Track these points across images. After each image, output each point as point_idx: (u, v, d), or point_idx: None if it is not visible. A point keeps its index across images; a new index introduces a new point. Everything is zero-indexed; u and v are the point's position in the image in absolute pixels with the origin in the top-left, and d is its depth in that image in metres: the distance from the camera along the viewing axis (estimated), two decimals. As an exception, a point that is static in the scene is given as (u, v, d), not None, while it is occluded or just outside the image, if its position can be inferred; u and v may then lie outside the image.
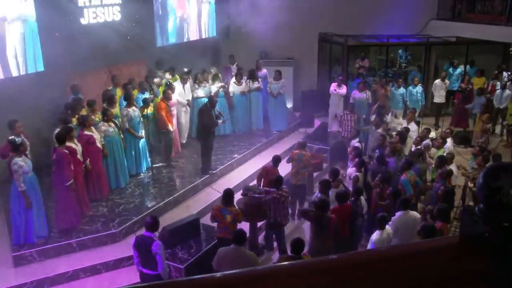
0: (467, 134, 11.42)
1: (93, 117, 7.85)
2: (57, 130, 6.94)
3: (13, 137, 6.40)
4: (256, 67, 12.09)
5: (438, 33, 13.51)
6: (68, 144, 6.77)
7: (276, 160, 7.67)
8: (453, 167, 7.84)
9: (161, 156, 9.37)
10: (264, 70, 11.99)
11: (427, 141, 8.75)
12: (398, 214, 6.16)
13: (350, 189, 7.21)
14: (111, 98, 8.32)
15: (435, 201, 6.78)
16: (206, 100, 9.57)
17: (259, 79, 11.40)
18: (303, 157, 8.02)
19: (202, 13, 12.27)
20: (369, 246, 6.03)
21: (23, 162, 6.16)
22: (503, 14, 11.77)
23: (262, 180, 7.64)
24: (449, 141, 9.16)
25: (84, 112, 8.00)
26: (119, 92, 9.11)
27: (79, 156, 6.96)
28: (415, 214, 6.34)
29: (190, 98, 10.09)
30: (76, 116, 7.72)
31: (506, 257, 0.90)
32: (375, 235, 5.88)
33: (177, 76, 10.41)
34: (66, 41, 8.14)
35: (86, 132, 7.29)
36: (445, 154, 8.12)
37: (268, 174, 7.40)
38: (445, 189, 6.71)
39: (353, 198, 6.70)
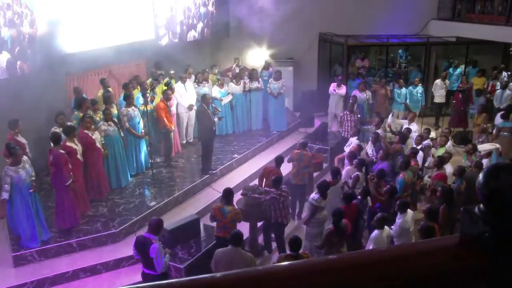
0: (467, 134, 11.42)
1: (94, 116, 7.86)
2: (55, 130, 6.94)
3: (11, 143, 6.30)
4: (264, 67, 12.10)
5: (438, 33, 13.51)
6: (68, 144, 6.78)
7: (279, 160, 7.66)
8: (448, 166, 7.85)
9: (161, 156, 9.38)
10: (271, 69, 11.97)
11: (427, 141, 8.76)
12: (399, 217, 6.17)
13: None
14: (108, 99, 8.34)
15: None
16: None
17: (260, 80, 11.40)
18: (304, 157, 8.02)
19: (202, 13, 12.27)
20: (368, 245, 6.04)
21: (14, 173, 6.01)
22: (503, 14, 11.77)
23: (264, 180, 7.65)
24: (448, 141, 9.17)
25: (90, 111, 8.03)
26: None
27: (79, 156, 6.97)
28: (411, 213, 6.37)
29: (193, 97, 10.05)
30: (84, 114, 7.78)
31: (506, 257, 0.90)
32: (374, 235, 5.89)
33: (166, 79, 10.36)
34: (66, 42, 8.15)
35: (86, 132, 7.29)
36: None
37: (270, 175, 7.40)
38: (443, 189, 6.71)
39: (359, 197, 6.72)
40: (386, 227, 5.95)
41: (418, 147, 8.43)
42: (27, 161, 6.37)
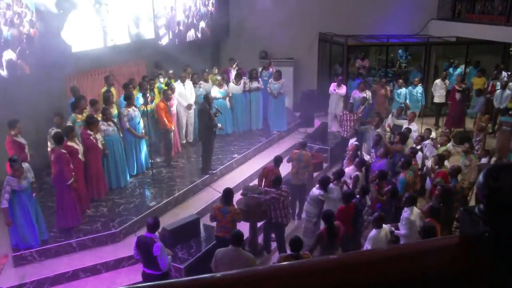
0: (467, 134, 11.43)
1: (95, 115, 7.87)
2: (52, 130, 6.91)
3: (16, 156, 6.15)
4: (264, 67, 12.10)
5: (438, 33, 13.51)
6: (69, 143, 6.78)
7: (278, 160, 7.67)
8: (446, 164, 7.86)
9: (161, 156, 9.38)
10: (271, 69, 11.97)
11: (428, 142, 8.76)
12: (406, 211, 6.17)
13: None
14: (108, 99, 8.33)
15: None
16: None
17: (259, 79, 11.40)
18: (303, 156, 8.02)
19: (202, 13, 12.27)
20: (366, 245, 6.04)
21: (16, 183, 5.96)
22: (503, 14, 11.77)
23: (264, 180, 7.65)
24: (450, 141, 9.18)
25: (87, 112, 8.01)
26: (114, 92, 9.10)
27: (80, 156, 6.97)
28: (417, 210, 6.38)
29: (193, 97, 10.06)
30: (82, 114, 7.78)
31: (506, 257, 0.90)
32: (372, 234, 5.88)
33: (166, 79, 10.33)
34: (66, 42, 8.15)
35: (88, 132, 7.29)
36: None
37: (270, 174, 7.40)
38: (442, 187, 6.70)
39: (358, 196, 6.72)
40: (384, 226, 5.95)
41: (418, 147, 8.44)
42: (29, 169, 6.26)
